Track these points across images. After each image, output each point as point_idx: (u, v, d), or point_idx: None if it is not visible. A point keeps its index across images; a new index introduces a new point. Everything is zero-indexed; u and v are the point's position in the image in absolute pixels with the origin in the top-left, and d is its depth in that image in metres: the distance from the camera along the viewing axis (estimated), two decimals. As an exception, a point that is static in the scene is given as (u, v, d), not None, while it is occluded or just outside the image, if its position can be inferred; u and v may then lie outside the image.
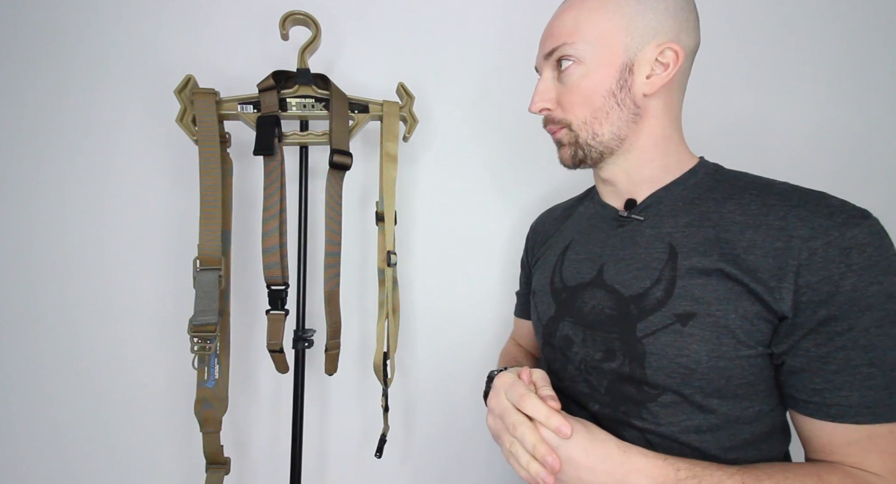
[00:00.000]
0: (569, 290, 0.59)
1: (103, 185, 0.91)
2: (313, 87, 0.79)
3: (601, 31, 0.51)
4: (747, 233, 0.46)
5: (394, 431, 0.96)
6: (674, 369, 0.47)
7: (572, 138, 0.55)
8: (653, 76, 0.51)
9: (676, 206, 0.53)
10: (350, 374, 0.96)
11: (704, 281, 0.47)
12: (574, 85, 0.53)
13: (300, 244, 0.84)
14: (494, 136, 0.99)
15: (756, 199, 0.48)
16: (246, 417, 0.95)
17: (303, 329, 0.83)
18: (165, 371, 0.92)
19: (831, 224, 0.43)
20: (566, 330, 0.57)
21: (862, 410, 0.42)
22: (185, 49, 0.92)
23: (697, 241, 0.49)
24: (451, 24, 0.98)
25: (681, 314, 0.47)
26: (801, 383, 0.44)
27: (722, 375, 0.45)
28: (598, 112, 0.52)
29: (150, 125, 0.92)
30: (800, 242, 0.43)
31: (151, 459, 0.92)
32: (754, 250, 0.45)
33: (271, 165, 0.76)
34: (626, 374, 0.50)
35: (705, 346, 0.45)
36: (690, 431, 0.47)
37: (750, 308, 0.45)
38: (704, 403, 0.47)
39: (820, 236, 0.42)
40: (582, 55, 0.51)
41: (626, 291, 0.52)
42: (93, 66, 0.91)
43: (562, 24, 0.53)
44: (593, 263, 0.57)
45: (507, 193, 0.99)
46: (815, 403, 0.44)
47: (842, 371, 0.42)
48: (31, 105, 0.90)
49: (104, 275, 0.91)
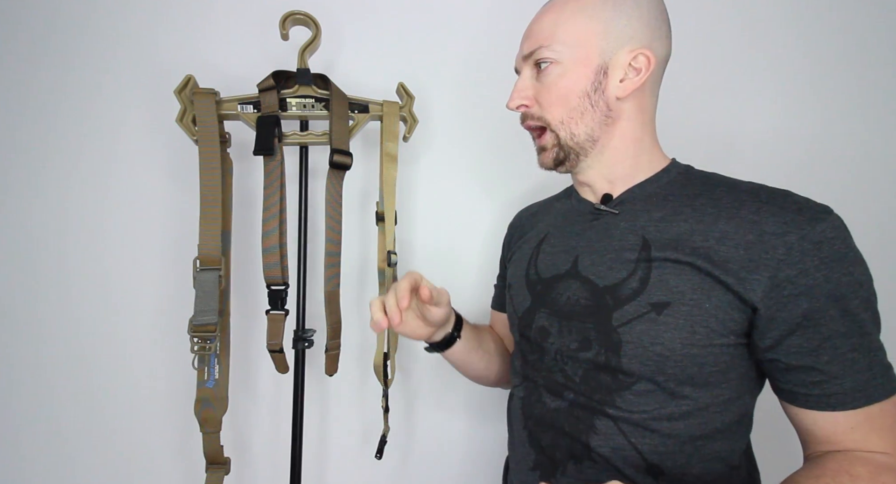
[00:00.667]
0: (544, 282, 0.60)
1: (103, 186, 0.91)
2: (313, 87, 0.79)
3: (578, 34, 0.53)
4: (720, 224, 0.48)
5: (394, 431, 0.96)
6: (648, 357, 0.48)
7: (554, 140, 0.57)
8: (625, 80, 0.53)
9: (650, 201, 0.55)
10: (350, 374, 0.96)
11: (678, 271, 0.48)
12: (551, 84, 0.54)
13: (300, 244, 0.84)
14: (495, 136, 0.99)
15: (727, 195, 0.51)
16: (246, 417, 0.95)
17: (303, 329, 0.83)
18: (165, 371, 0.92)
19: (802, 219, 0.45)
20: (542, 321, 0.58)
21: (856, 394, 0.44)
22: (185, 49, 0.93)
23: (671, 235, 0.51)
24: (451, 24, 0.98)
25: (656, 303, 0.48)
26: (799, 379, 0.46)
27: (695, 362, 0.47)
28: (573, 112, 0.54)
29: (150, 125, 0.92)
30: (773, 238, 0.45)
31: (151, 459, 0.92)
32: (726, 241, 0.47)
33: (271, 165, 0.76)
34: (601, 363, 0.51)
35: (679, 334, 0.47)
36: (663, 418, 0.49)
37: (722, 298, 0.46)
38: (677, 390, 0.48)
39: (794, 231, 0.44)
40: (559, 56, 0.53)
41: (602, 282, 0.53)
42: (93, 66, 0.91)
43: (541, 27, 0.55)
44: (568, 254, 0.58)
45: (508, 193, 0.99)
46: (816, 396, 0.45)
47: (833, 361, 0.44)
48: (31, 105, 0.90)
49: (104, 275, 0.91)
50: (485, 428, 1.00)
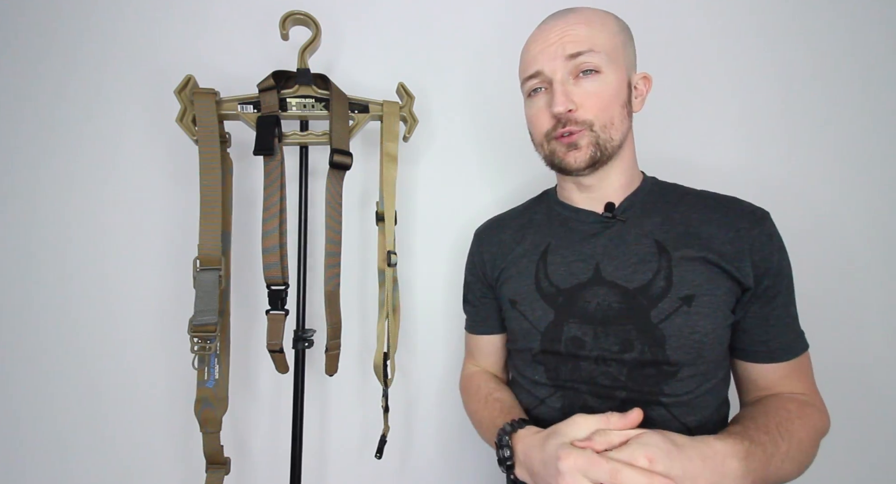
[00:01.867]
0: (565, 292, 0.60)
1: (103, 185, 0.91)
2: (313, 87, 0.79)
3: (613, 48, 0.58)
4: (704, 228, 0.58)
5: (394, 431, 0.96)
6: (690, 346, 0.54)
7: (593, 140, 0.58)
8: (639, 97, 0.61)
9: (645, 208, 0.62)
10: (350, 374, 0.96)
11: (694, 267, 0.56)
12: (598, 91, 0.57)
13: (300, 244, 0.84)
14: (495, 136, 0.99)
15: (698, 202, 0.61)
16: (246, 417, 0.95)
17: (303, 329, 0.83)
18: (165, 371, 0.92)
19: (756, 218, 0.57)
20: (573, 332, 0.58)
21: (788, 349, 0.57)
22: (185, 49, 0.93)
23: (675, 235, 0.58)
24: (451, 24, 0.98)
25: (684, 297, 0.55)
26: (751, 338, 0.57)
27: (720, 342, 0.56)
28: (614, 119, 0.58)
29: (150, 125, 0.92)
30: (745, 231, 0.56)
31: (151, 459, 0.92)
32: (715, 241, 0.57)
33: (271, 165, 0.76)
34: (647, 359, 0.55)
35: (709, 320, 0.54)
36: (701, 394, 0.56)
37: (727, 284, 0.56)
38: (708, 369, 0.56)
39: (755, 227, 0.57)
40: (602, 65, 0.57)
41: (631, 285, 0.57)
42: (93, 66, 0.91)
43: (580, 34, 0.57)
44: (586, 263, 0.61)
45: (508, 193, 0.99)
46: (763, 352, 0.57)
47: (777, 324, 0.57)
48: (31, 105, 0.90)
49: (104, 275, 0.91)
50: (485, 428, 1.00)
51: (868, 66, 0.97)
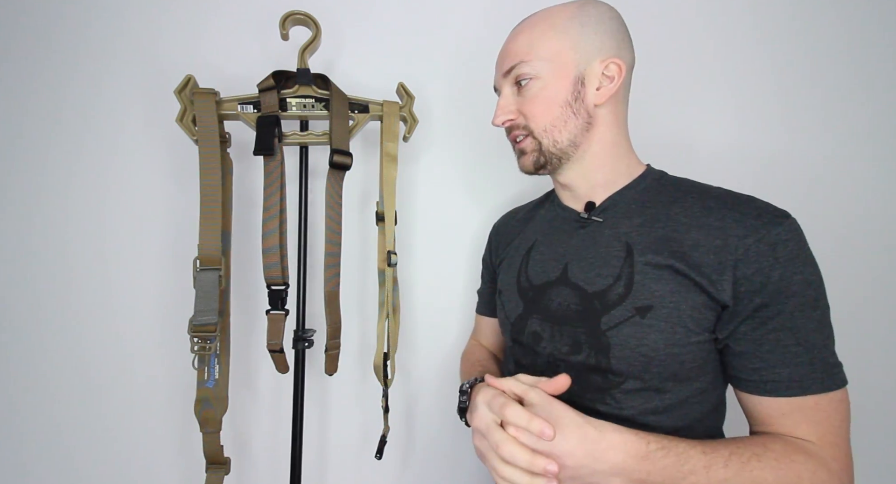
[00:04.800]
0: (535, 288, 0.63)
1: (103, 186, 0.91)
2: (313, 87, 0.79)
3: (553, 50, 0.57)
4: (692, 232, 0.53)
5: (394, 431, 0.96)
6: (635, 358, 0.52)
7: (535, 146, 0.60)
8: (602, 88, 0.57)
9: (630, 208, 0.59)
10: (350, 374, 0.96)
11: (658, 275, 0.52)
12: (534, 96, 0.58)
13: (300, 244, 0.84)
14: (495, 136, 0.99)
15: (697, 203, 0.55)
16: (246, 417, 0.95)
17: (303, 329, 0.83)
18: (165, 371, 0.92)
19: (759, 223, 0.49)
20: (534, 326, 0.61)
21: (791, 384, 0.48)
22: (185, 49, 0.93)
23: (650, 239, 0.55)
24: (451, 24, 0.98)
25: (640, 307, 0.52)
26: (741, 364, 0.51)
27: (676, 360, 0.51)
28: (556, 121, 0.58)
29: (150, 125, 0.92)
30: (736, 240, 0.49)
31: (151, 459, 0.92)
32: (698, 248, 0.51)
33: (271, 165, 0.76)
34: (592, 365, 0.55)
35: (662, 335, 0.51)
36: (648, 412, 0.52)
37: (697, 299, 0.50)
38: (661, 386, 0.52)
39: (752, 234, 0.49)
40: (538, 71, 0.57)
41: (590, 288, 0.56)
42: (93, 66, 0.91)
43: (517, 46, 0.59)
44: (558, 262, 0.61)
45: (508, 193, 0.99)
46: (754, 381, 0.50)
47: (774, 350, 0.48)
48: (31, 105, 0.90)
49: (104, 275, 0.91)
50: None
51: (867, 52, 0.98)
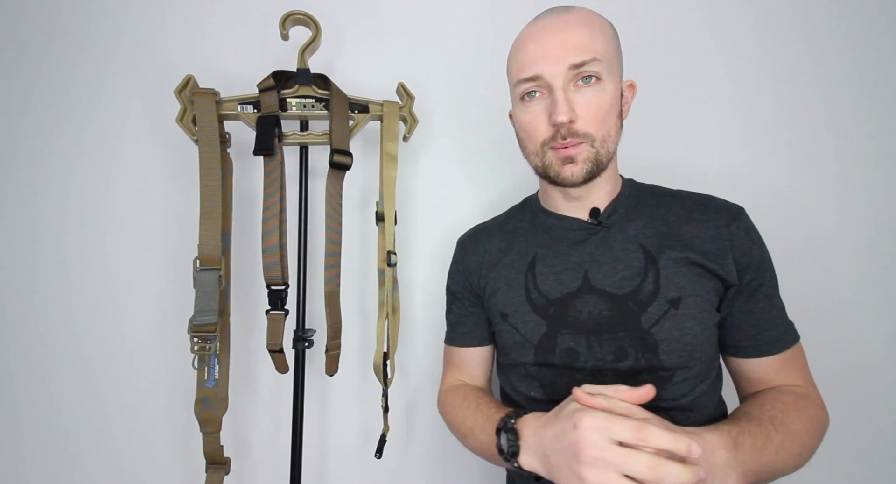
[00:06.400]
0: (555, 303, 0.58)
1: (104, 185, 0.91)
2: (313, 87, 0.79)
3: (610, 54, 0.55)
4: (685, 228, 0.58)
5: (394, 431, 0.96)
6: (682, 348, 0.54)
7: (592, 155, 0.55)
8: (627, 103, 0.60)
9: (628, 212, 0.61)
10: (350, 374, 0.96)
11: (678, 269, 0.56)
12: (598, 101, 0.54)
13: (300, 244, 0.84)
14: (495, 136, 0.99)
15: (675, 203, 0.61)
16: (246, 417, 0.95)
17: (303, 329, 0.83)
18: (165, 371, 0.92)
19: (731, 214, 0.58)
20: (567, 342, 0.56)
21: (779, 342, 0.56)
22: (185, 49, 0.93)
23: (658, 238, 0.58)
24: (451, 24, 0.98)
25: (671, 300, 0.55)
26: (739, 333, 0.57)
27: (710, 342, 0.56)
28: (611, 130, 0.56)
29: (150, 125, 0.92)
30: (724, 228, 0.57)
31: (151, 459, 0.92)
32: (696, 239, 0.57)
33: (271, 165, 0.76)
34: (641, 367, 0.54)
35: (696, 321, 0.54)
36: (695, 396, 0.55)
37: (710, 284, 0.55)
38: (701, 370, 0.55)
39: (732, 223, 0.57)
40: (603, 73, 0.54)
41: (620, 291, 0.56)
42: (93, 66, 0.91)
43: (580, 39, 0.52)
44: (574, 272, 0.59)
45: (507, 193, 0.99)
46: (752, 346, 0.56)
47: (762, 317, 0.56)
48: (31, 105, 0.90)
49: (104, 275, 0.91)
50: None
51: (867, 66, 0.98)
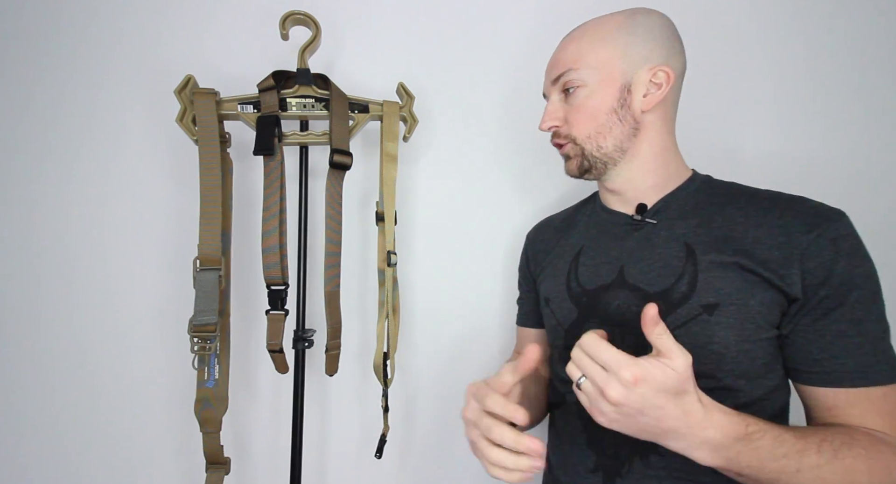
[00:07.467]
0: (589, 293, 0.62)
1: (104, 186, 0.91)
2: (313, 87, 0.79)
3: (600, 59, 0.59)
4: (751, 232, 0.53)
5: (394, 431, 0.96)
6: (706, 356, 0.51)
7: (578, 151, 0.62)
8: (648, 95, 0.59)
9: (684, 209, 0.59)
10: (350, 374, 0.96)
11: (723, 273, 0.52)
12: (580, 104, 0.60)
13: (300, 244, 0.84)
14: (494, 137, 0.99)
15: (750, 204, 0.56)
16: (246, 417, 0.95)
17: (303, 329, 0.83)
18: (165, 371, 0.92)
19: (819, 220, 0.51)
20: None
21: (856, 375, 0.48)
22: (185, 49, 0.92)
23: (710, 239, 0.55)
24: (451, 24, 0.98)
25: (706, 305, 0.52)
26: (802, 356, 0.51)
27: (748, 357, 0.51)
28: (601, 127, 0.59)
29: (150, 125, 0.92)
30: (800, 235, 0.51)
31: (151, 459, 0.92)
32: (760, 245, 0.52)
33: (271, 165, 0.76)
34: None
35: (731, 332, 0.51)
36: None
37: (765, 295, 0.51)
38: (733, 385, 0.51)
39: (814, 230, 0.50)
40: (585, 79, 0.59)
41: (651, 289, 0.56)
42: (93, 66, 0.91)
43: (566, 54, 0.61)
44: (611, 265, 0.61)
45: (507, 193, 0.99)
46: (817, 372, 0.50)
47: (836, 341, 0.49)
48: (31, 105, 0.90)
49: (104, 275, 0.91)
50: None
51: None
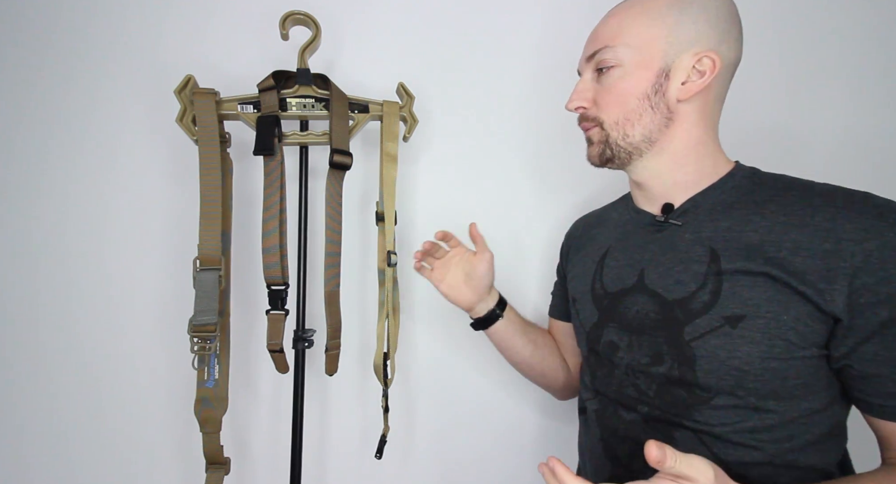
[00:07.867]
0: (610, 296, 0.60)
1: (104, 186, 0.91)
2: (313, 87, 0.79)
3: (641, 38, 0.52)
4: (792, 233, 0.46)
5: (394, 431, 0.96)
6: (726, 372, 0.47)
7: (602, 137, 0.57)
8: (688, 83, 0.52)
9: (715, 210, 0.53)
10: (350, 374, 0.96)
11: (752, 282, 0.47)
12: (611, 86, 0.54)
13: (300, 244, 0.84)
14: (494, 136, 0.99)
15: (799, 200, 0.48)
16: (246, 417, 0.95)
17: (303, 329, 0.83)
18: (165, 371, 0.92)
19: (884, 225, 0.43)
20: (610, 336, 0.58)
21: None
22: (185, 49, 0.92)
23: (740, 245, 0.49)
24: (451, 23, 0.98)
25: (730, 316, 0.47)
26: (872, 388, 0.44)
27: (777, 376, 0.45)
28: (631, 114, 0.54)
29: (150, 125, 0.92)
30: (852, 245, 0.43)
31: (151, 459, 0.92)
32: (800, 252, 0.45)
33: (271, 165, 0.76)
34: (675, 377, 0.50)
35: (757, 347, 0.45)
36: (745, 431, 0.47)
37: (801, 309, 0.44)
38: (760, 404, 0.46)
39: (874, 238, 0.42)
40: (621, 58, 0.53)
41: (670, 295, 0.52)
42: (93, 66, 0.91)
43: (606, 30, 0.56)
44: (633, 268, 0.58)
45: (507, 193, 0.99)
46: (891, 406, 0.44)
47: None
48: (31, 105, 0.90)
49: (104, 275, 0.91)
50: (485, 428, 1.00)
51: None
